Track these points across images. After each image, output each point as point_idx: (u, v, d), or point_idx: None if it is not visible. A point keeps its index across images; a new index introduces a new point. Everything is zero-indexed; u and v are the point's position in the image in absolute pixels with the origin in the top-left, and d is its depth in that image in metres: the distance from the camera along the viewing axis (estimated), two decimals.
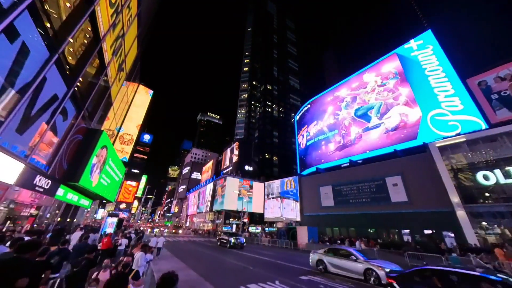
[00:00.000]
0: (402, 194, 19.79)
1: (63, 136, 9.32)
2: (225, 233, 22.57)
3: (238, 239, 19.29)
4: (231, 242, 18.97)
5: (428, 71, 23.84)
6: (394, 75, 27.39)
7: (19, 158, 6.67)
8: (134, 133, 21.36)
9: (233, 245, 18.84)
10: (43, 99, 7.18)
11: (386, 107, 26.78)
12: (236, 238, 19.38)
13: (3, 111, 5.52)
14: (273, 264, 11.39)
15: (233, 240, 19.07)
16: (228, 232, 23.71)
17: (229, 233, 21.46)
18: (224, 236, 21.36)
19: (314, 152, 35.14)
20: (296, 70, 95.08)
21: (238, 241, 19.14)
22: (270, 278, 7.95)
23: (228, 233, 21.93)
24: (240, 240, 19.29)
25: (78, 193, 12.46)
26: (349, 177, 25.46)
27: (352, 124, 30.29)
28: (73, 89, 8.84)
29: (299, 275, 8.78)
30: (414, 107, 23.82)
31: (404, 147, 22.15)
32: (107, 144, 13.21)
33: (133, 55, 17.41)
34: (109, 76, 12.87)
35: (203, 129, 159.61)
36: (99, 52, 10.67)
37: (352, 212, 23.19)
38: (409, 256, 12.03)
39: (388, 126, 25.44)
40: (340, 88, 35.24)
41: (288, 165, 69.12)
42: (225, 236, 21.06)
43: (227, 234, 21.33)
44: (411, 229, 18.22)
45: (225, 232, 23.99)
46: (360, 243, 15.17)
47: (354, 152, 27.80)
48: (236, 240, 19.16)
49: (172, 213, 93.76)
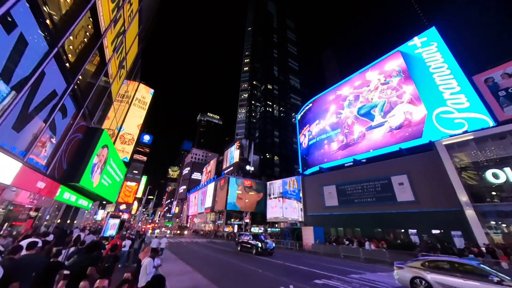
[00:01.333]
0: (409, 193, 19.46)
1: (63, 134, 8.96)
2: (246, 234, 18.46)
3: (266, 243, 15.43)
4: (258, 247, 15.15)
5: (432, 69, 23.53)
6: (398, 73, 27.08)
7: (16, 157, 6.31)
8: (135, 133, 21.00)
9: (261, 251, 15.01)
10: (42, 95, 6.82)
11: (389, 105, 26.47)
12: (264, 242, 15.49)
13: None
14: (282, 267, 10.97)
15: (260, 244, 15.19)
16: (252, 233, 19.64)
17: (253, 235, 17.61)
18: (245, 238, 17.47)
19: (316, 152, 34.81)
20: (297, 69, 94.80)
21: (267, 245, 15.19)
22: (282, 283, 7.54)
23: (252, 234, 18.05)
24: (269, 245, 15.42)
25: (78, 193, 12.10)
26: (353, 176, 25.12)
27: (355, 123, 29.98)
28: (73, 86, 8.49)
29: (313, 279, 8.27)
30: (418, 105, 23.51)
31: (410, 146, 21.82)
32: (108, 144, 12.85)
33: (134, 53, 17.05)
34: (109, 73, 12.51)
35: (203, 130, 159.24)
36: (100, 49, 10.33)
37: (357, 212, 22.85)
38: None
39: (392, 124, 25.13)
40: (342, 86, 34.93)
41: (289, 164, 68.81)
42: (246, 237, 17.32)
43: (250, 236, 17.36)
44: (418, 229, 17.89)
45: (246, 233, 19.42)
46: (370, 244, 14.86)
47: (358, 151, 27.47)
48: (264, 244, 15.20)
49: (173, 214, 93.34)
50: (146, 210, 74.29)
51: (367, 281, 8.22)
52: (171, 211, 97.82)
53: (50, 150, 8.32)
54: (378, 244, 14.76)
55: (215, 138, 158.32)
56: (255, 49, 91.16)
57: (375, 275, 9.39)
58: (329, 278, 8.47)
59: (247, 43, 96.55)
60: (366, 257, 13.40)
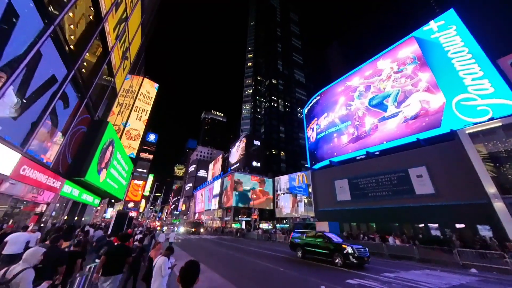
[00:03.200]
0: (428, 186, 18.37)
1: (65, 126, 8.42)
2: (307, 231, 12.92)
3: (360, 250, 9.79)
4: (349, 255, 9.53)
5: (451, 54, 22.05)
6: (413, 60, 25.63)
7: (14, 147, 5.74)
8: (140, 128, 20.55)
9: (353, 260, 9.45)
10: (40, 79, 6.21)
11: (404, 94, 25.13)
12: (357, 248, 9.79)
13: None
14: (304, 264, 10.11)
15: (351, 250, 9.61)
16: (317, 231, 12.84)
17: (321, 233, 11.81)
18: (308, 236, 12.09)
19: (325, 145, 33.76)
20: (301, 63, 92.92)
21: (361, 252, 9.67)
22: (312, 283, 6.74)
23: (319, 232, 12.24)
24: (363, 252, 9.82)
25: (84, 189, 11.65)
26: (367, 170, 24.09)
27: (366, 114, 28.74)
28: (74, 72, 7.88)
29: (344, 278, 7.40)
30: (436, 93, 22.15)
31: (428, 136, 20.60)
32: (113, 137, 12.34)
33: (137, 44, 16.42)
34: (113, 63, 11.91)
35: (207, 127, 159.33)
36: (102, 34, 9.68)
37: (371, 206, 21.89)
38: (459, 254, 10.43)
39: (407, 114, 23.85)
40: (352, 77, 33.58)
41: (296, 160, 67.85)
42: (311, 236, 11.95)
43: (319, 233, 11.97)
44: (440, 223, 16.86)
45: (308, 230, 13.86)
46: (395, 239, 13.87)
47: (370, 143, 26.33)
48: (357, 250, 9.62)
49: (180, 211, 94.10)
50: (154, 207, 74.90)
51: (407, 281, 7.32)
52: (178, 209, 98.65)
53: (53, 142, 7.79)
54: (402, 239, 13.81)
55: (220, 135, 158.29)
56: (258, 43, 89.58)
57: (410, 273, 8.49)
58: (362, 277, 7.62)
59: (250, 38, 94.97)
60: (391, 253, 12.55)
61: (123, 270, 4.34)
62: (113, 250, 4.38)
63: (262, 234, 27.25)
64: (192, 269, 1.87)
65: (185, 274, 1.82)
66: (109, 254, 4.18)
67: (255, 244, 20.68)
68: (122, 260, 4.24)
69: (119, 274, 4.16)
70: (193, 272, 1.85)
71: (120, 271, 4.22)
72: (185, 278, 1.80)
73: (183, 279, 1.80)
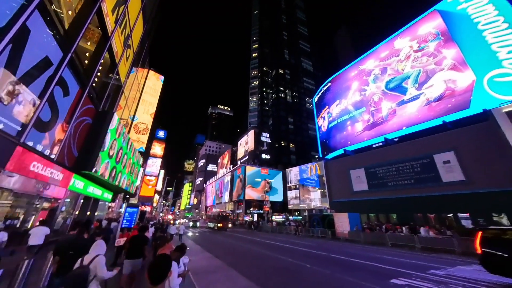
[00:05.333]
0: (457, 172, 16.81)
1: (67, 116, 7.85)
2: None
3: None
4: None
5: (482, 25, 19.70)
6: (435, 36, 23.30)
7: (8, 136, 5.17)
8: (148, 122, 20.13)
9: None
10: (30, 60, 5.54)
11: (426, 74, 23.06)
12: None
13: None
14: (332, 260, 8.99)
15: None
16: None
17: None
18: None
19: (338, 134, 32.25)
20: (308, 51, 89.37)
21: None
22: (349, 283, 5.87)
23: None
24: None
25: (94, 183, 11.30)
26: (385, 158, 22.62)
27: (383, 98, 26.86)
28: (71, 56, 7.19)
29: (387, 278, 6.26)
30: (464, 70, 20.04)
31: (455, 118, 18.78)
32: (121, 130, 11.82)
33: (139, 32, 15.64)
34: (114, 50, 11.21)
35: (214, 122, 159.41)
36: (99, 15, 8.91)
37: (391, 196, 20.58)
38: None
39: (430, 96, 21.91)
40: (365, 60, 31.41)
41: (306, 151, 66.41)
42: None
43: None
44: (471, 212, 15.44)
45: None
46: (428, 230, 12.67)
47: (388, 130, 24.66)
48: None
49: (192, 205, 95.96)
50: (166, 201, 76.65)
51: (462, 279, 6.14)
52: (190, 203, 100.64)
53: (54, 132, 7.24)
54: (436, 230, 12.60)
55: (228, 130, 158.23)
56: (263, 33, 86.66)
57: (459, 270, 7.35)
58: (408, 276, 6.50)
59: (255, 27, 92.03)
60: (424, 246, 11.45)
61: (143, 255, 5.04)
62: (135, 238, 5.23)
63: (276, 227, 26.74)
64: (161, 264, 1.68)
65: (153, 270, 1.62)
66: (132, 242, 5.11)
67: (270, 237, 20.15)
68: (141, 247, 5.05)
69: (139, 258, 4.97)
70: (162, 268, 1.67)
71: (140, 256, 5.00)
72: (152, 274, 1.60)
73: (151, 276, 1.60)
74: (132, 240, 5.15)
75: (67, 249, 3.75)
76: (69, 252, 3.66)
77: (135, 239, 5.16)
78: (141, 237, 5.27)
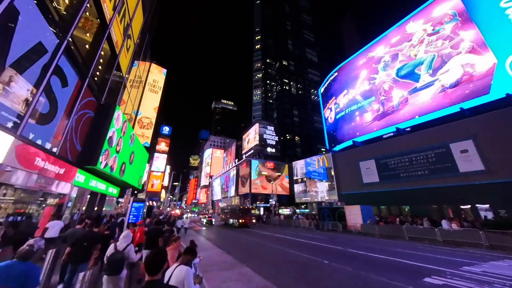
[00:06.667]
0: (476, 161, 15.92)
1: (68, 108, 7.47)
2: None
3: None
4: None
5: (505, 2, 18.22)
6: (452, 17, 21.81)
7: (4, 129, 4.81)
8: (152, 116, 19.81)
9: None
10: (21, 46, 5.10)
11: (441, 59, 21.76)
12: None
13: None
14: (352, 256, 8.36)
15: None
16: None
17: None
18: None
19: (346, 125, 31.33)
20: (313, 41, 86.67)
21: None
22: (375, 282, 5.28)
23: None
24: None
25: (98, 178, 11.07)
26: (397, 148, 21.76)
27: (393, 87, 25.70)
28: (68, 43, 6.73)
29: (418, 276, 5.64)
30: (483, 53, 18.74)
31: (474, 105, 17.69)
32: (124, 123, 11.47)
33: (139, 22, 15.05)
34: (114, 40, 10.70)
35: (218, 117, 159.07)
36: (96, 1, 8.37)
37: (403, 187, 19.86)
38: None
39: (446, 82, 20.72)
40: (375, 46, 29.98)
41: (311, 144, 65.49)
42: None
43: None
44: (492, 203, 14.66)
45: None
46: (450, 223, 11.96)
47: (399, 119, 23.66)
48: None
49: (198, 199, 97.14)
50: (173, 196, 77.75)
51: (503, 277, 5.52)
52: (196, 197, 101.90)
53: (54, 125, 6.89)
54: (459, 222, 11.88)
55: (232, 124, 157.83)
56: (266, 23, 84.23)
57: (493, 266, 6.71)
58: (442, 274, 5.85)
59: (257, 17, 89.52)
60: (446, 239, 10.83)
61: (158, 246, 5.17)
62: (151, 231, 5.84)
63: (284, 220, 26.49)
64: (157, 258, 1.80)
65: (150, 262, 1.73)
66: (148, 234, 5.76)
67: (279, 230, 19.88)
68: (157, 239, 5.36)
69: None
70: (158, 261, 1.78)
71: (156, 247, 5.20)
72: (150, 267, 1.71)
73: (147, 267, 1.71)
74: (149, 233, 5.77)
75: (81, 241, 4.29)
76: (83, 244, 4.27)
77: (152, 232, 5.73)
78: (157, 230, 5.79)
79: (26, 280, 2.17)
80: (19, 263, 2.26)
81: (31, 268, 2.29)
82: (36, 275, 2.32)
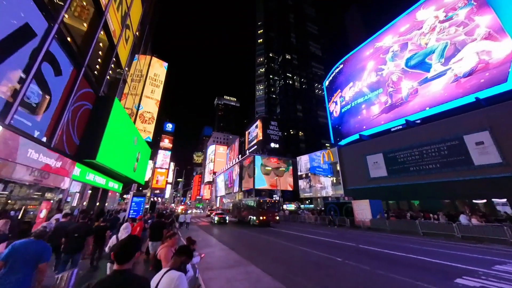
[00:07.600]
0: (493, 154, 15.09)
1: (62, 98, 7.09)
2: None
3: None
4: None
5: None
6: (466, 2, 20.58)
7: None
8: (154, 111, 19.46)
9: None
10: (5, 25, 4.68)
11: (454, 47, 20.63)
12: None
13: None
14: (369, 254, 7.70)
15: None
16: None
17: None
18: None
19: (352, 119, 30.47)
20: (316, 34, 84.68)
21: None
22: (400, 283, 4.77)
23: None
24: None
25: (98, 172, 10.76)
26: (406, 141, 20.96)
27: (402, 78, 24.67)
28: (58, 27, 6.28)
29: (450, 278, 5.04)
30: (501, 39, 17.62)
31: (491, 94, 16.73)
32: (123, 116, 11.11)
33: (138, 12, 14.52)
34: (111, 29, 10.23)
35: (221, 113, 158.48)
36: None
37: (413, 181, 19.14)
38: None
39: (459, 72, 19.67)
40: (382, 36, 28.79)
41: (316, 139, 64.62)
42: None
43: None
44: (510, 197, 13.90)
45: None
46: (470, 218, 11.20)
47: (408, 111, 22.74)
48: None
49: (202, 196, 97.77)
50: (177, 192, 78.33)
51: None
52: (200, 193, 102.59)
53: (49, 116, 6.53)
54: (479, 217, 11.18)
55: (235, 120, 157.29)
56: (268, 16, 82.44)
57: None
58: (474, 274, 5.26)
59: (259, 11, 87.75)
60: (465, 235, 10.25)
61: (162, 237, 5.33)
62: (155, 223, 6.20)
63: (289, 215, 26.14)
64: (126, 245, 1.63)
65: (118, 251, 1.58)
66: (153, 227, 6.12)
67: (285, 226, 19.51)
68: (161, 231, 5.70)
69: (159, 240, 5.55)
70: (127, 249, 1.61)
71: (160, 239, 5.52)
72: (118, 255, 1.55)
73: (116, 257, 1.55)
74: (153, 225, 6.17)
75: (72, 233, 4.68)
76: (74, 235, 4.65)
77: (156, 224, 6.14)
78: (160, 223, 6.18)
79: (40, 256, 2.73)
80: (35, 242, 2.81)
81: (44, 245, 2.88)
82: (48, 252, 2.89)
